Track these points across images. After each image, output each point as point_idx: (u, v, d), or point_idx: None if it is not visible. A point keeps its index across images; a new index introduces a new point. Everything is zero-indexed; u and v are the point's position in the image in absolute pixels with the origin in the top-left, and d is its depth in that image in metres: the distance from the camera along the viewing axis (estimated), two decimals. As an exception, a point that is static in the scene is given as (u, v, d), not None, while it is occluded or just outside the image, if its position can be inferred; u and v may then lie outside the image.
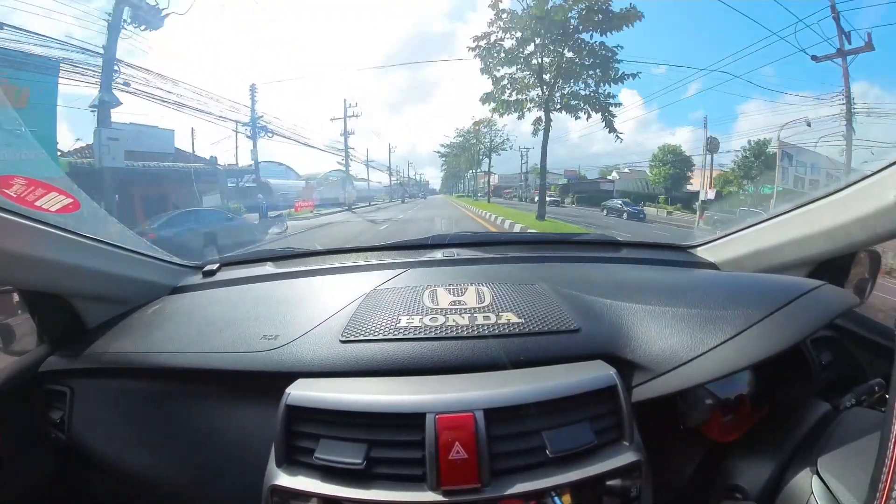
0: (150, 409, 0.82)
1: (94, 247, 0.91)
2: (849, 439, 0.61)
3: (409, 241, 1.39)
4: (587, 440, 0.59)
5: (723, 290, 0.80)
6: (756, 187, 17.92)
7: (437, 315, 0.77)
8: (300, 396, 0.63)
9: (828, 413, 0.71)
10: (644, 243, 1.43)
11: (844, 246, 0.89)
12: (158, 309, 1.01)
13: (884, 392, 0.77)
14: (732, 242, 1.16)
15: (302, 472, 0.59)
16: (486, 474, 0.55)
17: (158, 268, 1.13)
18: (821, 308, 0.70)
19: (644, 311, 0.76)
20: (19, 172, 0.86)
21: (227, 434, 0.75)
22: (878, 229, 0.80)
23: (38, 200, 0.83)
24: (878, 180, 0.79)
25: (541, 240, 1.68)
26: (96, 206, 1.02)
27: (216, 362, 0.76)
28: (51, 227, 0.80)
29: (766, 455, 0.67)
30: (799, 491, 0.59)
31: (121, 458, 0.81)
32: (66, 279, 0.87)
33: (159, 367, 0.79)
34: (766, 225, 1.05)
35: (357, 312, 0.81)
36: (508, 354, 0.69)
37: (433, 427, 0.56)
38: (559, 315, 0.77)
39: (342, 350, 0.72)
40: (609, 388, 0.63)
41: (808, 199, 0.94)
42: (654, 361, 0.68)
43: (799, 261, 0.98)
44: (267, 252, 1.35)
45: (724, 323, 0.68)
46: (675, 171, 20.68)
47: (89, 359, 0.85)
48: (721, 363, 0.64)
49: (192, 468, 0.77)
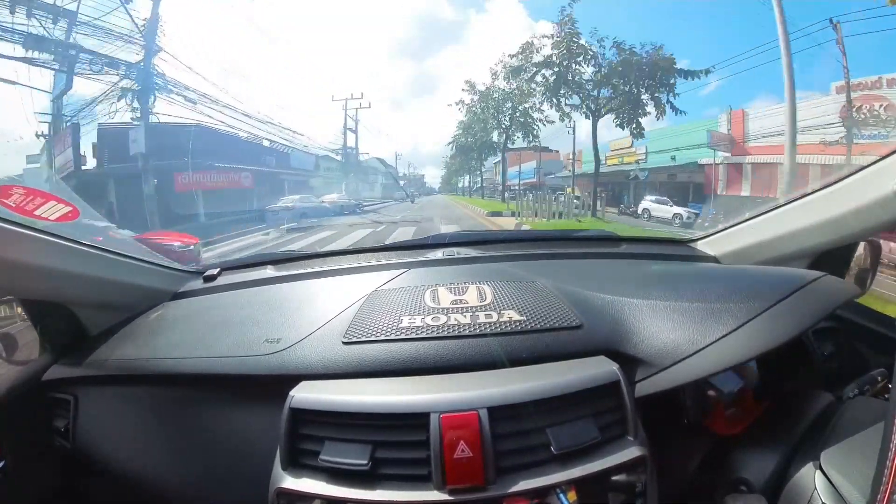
0: (154, 416, 0.82)
1: (95, 254, 0.91)
2: (852, 430, 0.61)
3: (410, 242, 1.39)
4: (591, 436, 0.59)
5: (724, 283, 0.80)
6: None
7: (438, 314, 0.77)
8: (304, 399, 0.63)
9: (831, 404, 0.72)
10: (644, 238, 1.44)
11: (845, 236, 0.89)
12: (160, 315, 1.01)
13: (886, 381, 0.77)
14: (733, 235, 1.16)
15: (307, 475, 0.59)
16: (492, 472, 0.56)
17: (159, 274, 1.13)
18: (822, 299, 0.70)
19: (646, 306, 0.76)
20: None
21: (231, 438, 0.75)
22: (878, 219, 0.80)
23: (38, 209, 0.83)
24: (877, 170, 0.79)
25: (541, 237, 1.68)
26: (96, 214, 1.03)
27: (219, 367, 0.76)
28: (51, 236, 0.80)
29: (771, 447, 0.67)
30: (803, 484, 0.59)
31: (126, 464, 0.81)
32: (67, 287, 0.87)
33: (162, 374, 0.80)
34: (766, 217, 1.05)
35: (359, 314, 0.81)
36: (511, 352, 0.69)
37: (437, 426, 0.57)
38: (561, 312, 0.77)
39: (345, 351, 0.72)
40: (612, 383, 0.64)
41: (807, 190, 0.94)
42: (656, 356, 0.69)
43: (799, 252, 0.98)
44: (267, 255, 1.36)
45: (726, 316, 0.68)
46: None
47: (92, 366, 0.85)
48: (723, 356, 0.65)
49: (197, 473, 0.78)
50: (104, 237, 0.93)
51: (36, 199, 0.84)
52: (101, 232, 2.84)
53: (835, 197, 0.87)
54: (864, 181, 0.81)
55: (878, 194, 0.77)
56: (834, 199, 0.87)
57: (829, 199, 0.88)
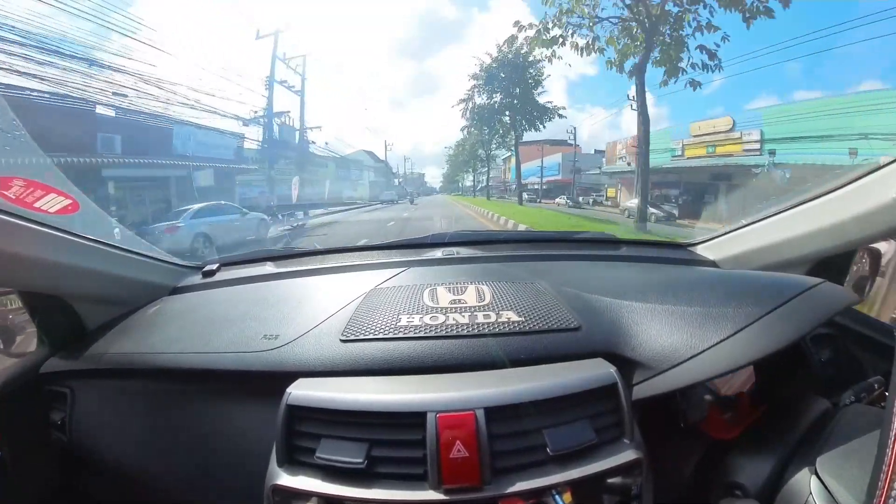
0: (150, 410, 0.82)
1: (94, 248, 0.91)
2: (848, 437, 0.62)
3: (409, 240, 1.39)
4: (588, 438, 0.59)
5: (722, 288, 0.80)
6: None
7: (437, 314, 0.77)
8: (301, 396, 0.63)
9: (827, 410, 0.72)
10: (644, 241, 1.44)
11: (844, 243, 0.89)
12: (158, 309, 1.01)
13: (883, 389, 0.78)
14: (732, 240, 1.16)
15: (303, 472, 0.59)
16: (487, 473, 0.56)
17: (158, 268, 1.13)
18: (820, 305, 0.70)
19: (644, 309, 0.76)
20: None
21: (227, 434, 0.75)
22: (878, 227, 0.80)
23: (38, 202, 0.83)
24: (878, 177, 0.79)
25: (541, 238, 1.68)
26: (96, 207, 1.02)
27: (217, 362, 0.76)
28: (50, 229, 0.80)
29: (767, 452, 0.67)
30: (798, 489, 0.59)
31: (121, 458, 0.81)
32: (66, 280, 0.87)
33: (159, 368, 0.79)
34: (766, 223, 1.05)
35: (357, 311, 0.81)
36: (508, 353, 0.69)
37: (434, 426, 0.57)
38: (559, 313, 0.77)
39: (343, 349, 0.72)
40: (609, 385, 0.64)
41: (807, 196, 0.94)
42: (654, 359, 0.69)
43: (798, 258, 0.98)
44: (266, 252, 1.35)
45: (724, 320, 0.68)
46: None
47: (90, 360, 0.85)
48: (721, 360, 0.65)
49: (192, 468, 0.78)
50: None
51: (36, 191, 0.84)
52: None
53: (835, 203, 0.87)
54: (864, 188, 0.81)
55: (879, 201, 0.77)
56: (834, 205, 0.87)
57: (830, 206, 0.88)
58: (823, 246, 0.92)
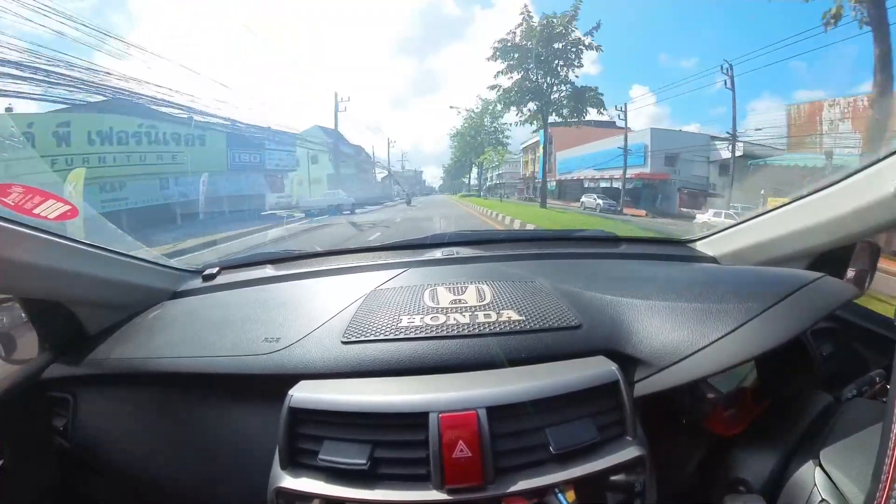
0: (152, 415, 0.82)
1: (94, 253, 0.91)
2: (850, 430, 0.62)
3: (409, 241, 1.39)
4: (590, 436, 0.59)
5: (723, 284, 0.80)
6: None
7: (437, 314, 0.77)
8: (303, 398, 0.63)
9: (829, 404, 0.72)
10: (643, 238, 1.44)
11: (844, 237, 0.89)
12: (159, 314, 1.01)
13: (884, 383, 0.78)
14: (732, 236, 1.16)
15: (306, 474, 0.59)
16: (490, 472, 0.56)
17: (158, 273, 1.13)
18: (821, 300, 0.70)
19: (644, 306, 0.76)
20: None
21: (230, 437, 0.75)
22: (877, 220, 0.80)
23: (37, 208, 0.83)
24: (877, 171, 0.79)
25: (540, 237, 1.68)
26: (95, 213, 1.02)
27: (218, 366, 0.76)
28: (50, 235, 0.80)
29: (769, 447, 0.67)
30: (802, 483, 0.59)
31: (124, 463, 0.81)
32: (66, 286, 0.87)
33: (161, 373, 0.79)
34: (766, 218, 1.05)
35: (358, 313, 0.81)
36: (510, 352, 0.69)
37: (436, 426, 0.57)
38: (560, 312, 0.77)
39: (344, 351, 0.72)
40: (611, 383, 0.64)
41: (807, 191, 0.94)
42: (655, 356, 0.69)
43: (798, 253, 0.98)
44: (266, 255, 1.35)
45: (725, 316, 0.68)
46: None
47: (91, 365, 0.85)
48: (722, 356, 0.65)
49: (195, 472, 0.78)
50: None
51: (35, 197, 0.84)
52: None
53: (835, 197, 0.87)
54: (863, 182, 0.81)
55: (878, 195, 0.77)
56: (834, 199, 0.87)
57: (829, 200, 0.88)
58: (823, 240, 0.92)
